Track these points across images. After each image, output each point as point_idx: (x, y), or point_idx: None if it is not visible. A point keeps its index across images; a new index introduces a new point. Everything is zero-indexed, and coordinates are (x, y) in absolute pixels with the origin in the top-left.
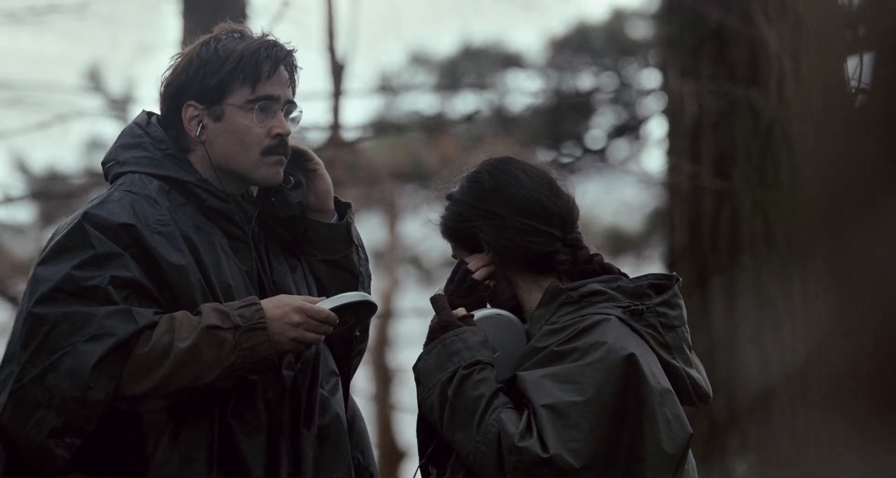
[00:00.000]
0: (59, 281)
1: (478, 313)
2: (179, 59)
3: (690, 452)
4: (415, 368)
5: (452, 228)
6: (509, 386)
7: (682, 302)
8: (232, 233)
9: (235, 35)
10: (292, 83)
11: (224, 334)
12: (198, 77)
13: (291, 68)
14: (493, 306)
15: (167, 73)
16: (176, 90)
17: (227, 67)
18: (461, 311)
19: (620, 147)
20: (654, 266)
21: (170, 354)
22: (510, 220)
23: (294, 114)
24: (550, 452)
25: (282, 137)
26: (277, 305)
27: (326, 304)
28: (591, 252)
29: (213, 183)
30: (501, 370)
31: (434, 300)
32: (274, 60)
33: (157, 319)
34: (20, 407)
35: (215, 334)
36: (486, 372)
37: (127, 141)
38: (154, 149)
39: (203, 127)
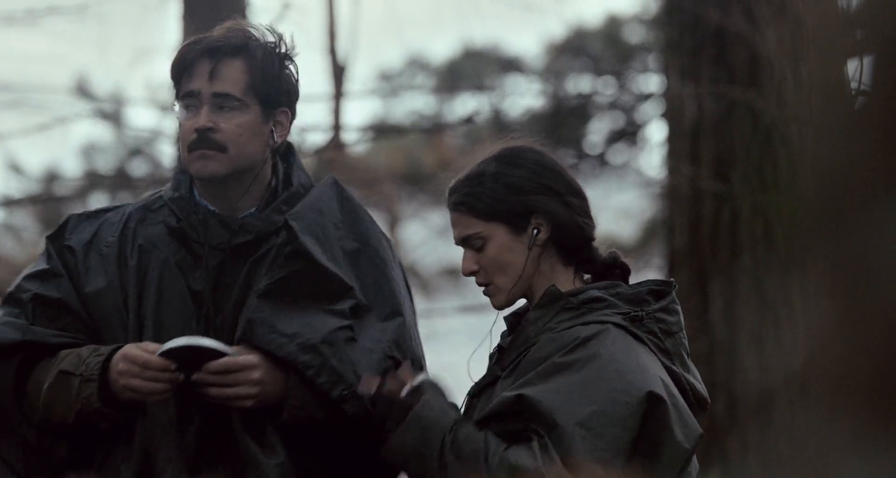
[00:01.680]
0: (13, 286)
1: (417, 379)
2: None
3: (694, 455)
4: (388, 450)
5: (501, 202)
6: (512, 404)
7: (679, 308)
8: (193, 250)
9: (207, 30)
10: (221, 75)
11: (73, 380)
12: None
13: (216, 60)
14: (500, 281)
15: None
16: None
17: (170, 66)
18: (406, 386)
19: (618, 151)
20: (652, 270)
21: (41, 391)
22: (567, 197)
23: (225, 106)
24: (577, 458)
25: (200, 132)
26: (118, 352)
27: (166, 346)
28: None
29: (195, 200)
30: None
31: (376, 401)
32: (190, 56)
33: (50, 341)
34: None
35: (66, 379)
36: (465, 427)
37: None
38: (177, 163)
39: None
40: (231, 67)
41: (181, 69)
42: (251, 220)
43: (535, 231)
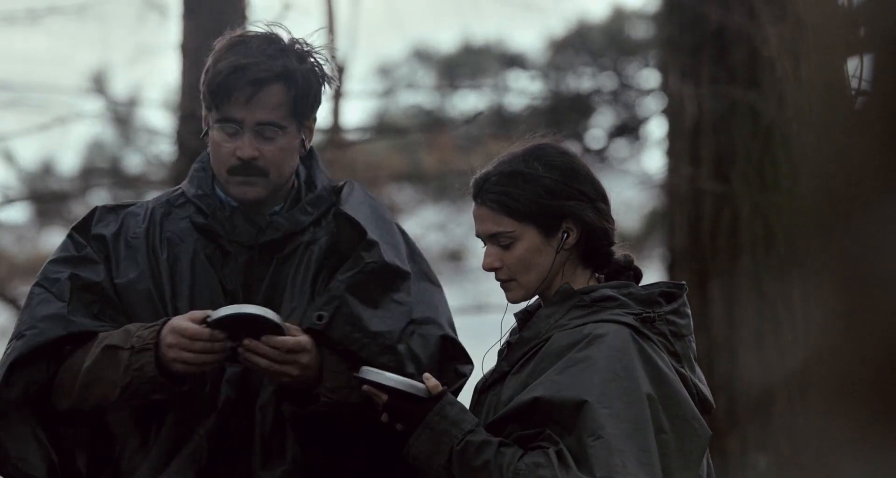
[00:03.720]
0: (39, 274)
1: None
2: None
3: (707, 453)
4: (407, 454)
5: (536, 204)
6: (527, 407)
7: (689, 311)
8: (221, 246)
9: (244, 42)
10: (272, 106)
11: (122, 354)
12: (202, 83)
13: (258, 88)
14: (524, 280)
15: None
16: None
17: (207, 84)
18: (434, 383)
19: (620, 147)
20: (653, 266)
21: (79, 373)
22: (597, 202)
23: (269, 135)
24: (597, 476)
25: (243, 160)
26: (166, 325)
27: (217, 314)
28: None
29: (218, 197)
30: None
31: (391, 410)
32: (233, 83)
33: (91, 329)
34: None
35: (114, 354)
36: (477, 435)
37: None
38: (197, 161)
39: (206, 131)
40: (272, 95)
41: (223, 94)
42: (279, 219)
43: (565, 235)
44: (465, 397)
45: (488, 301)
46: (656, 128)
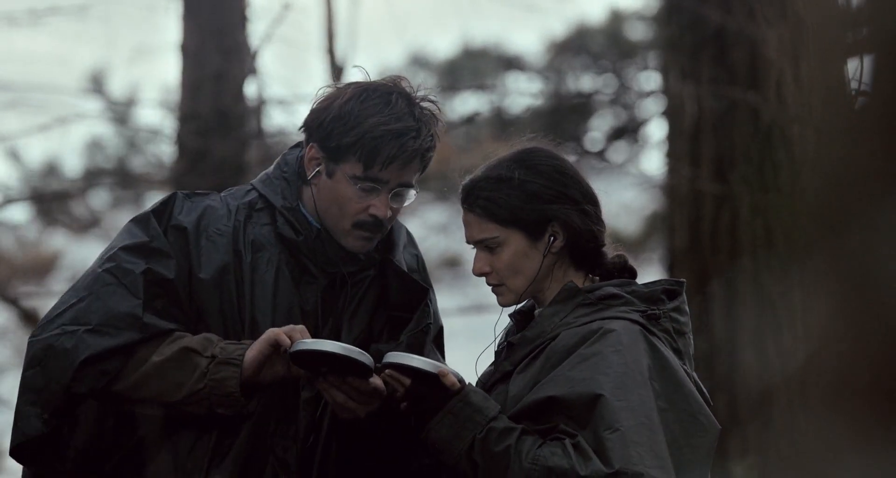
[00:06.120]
0: (109, 252)
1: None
2: (331, 95)
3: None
4: (427, 437)
5: (520, 209)
6: (541, 405)
7: (688, 309)
8: (303, 265)
9: (385, 97)
10: (416, 169)
11: (199, 360)
12: (328, 128)
13: (421, 158)
14: (513, 284)
15: (317, 100)
16: (310, 125)
17: (350, 136)
18: (451, 377)
19: (620, 149)
20: (653, 268)
21: (144, 364)
22: (583, 205)
23: (406, 196)
24: (616, 467)
25: (377, 218)
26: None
27: (307, 345)
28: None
29: (302, 213)
30: None
31: (412, 394)
32: (396, 151)
33: (165, 328)
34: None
35: (190, 357)
36: (500, 422)
37: (276, 159)
38: (276, 169)
39: (318, 172)
40: (419, 161)
41: (380, 157)
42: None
43: (552, 239)
44: None
45: (488, 302)
46: (656, 129)
